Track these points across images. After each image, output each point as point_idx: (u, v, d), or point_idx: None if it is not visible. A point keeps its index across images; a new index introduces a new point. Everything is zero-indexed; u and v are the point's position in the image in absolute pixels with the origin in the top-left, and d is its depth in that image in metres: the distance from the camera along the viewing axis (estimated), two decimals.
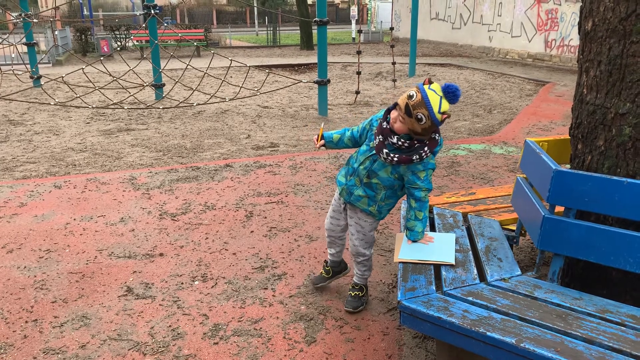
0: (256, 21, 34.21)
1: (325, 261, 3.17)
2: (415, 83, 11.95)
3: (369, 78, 13.08)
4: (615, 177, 2.18)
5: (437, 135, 2.50)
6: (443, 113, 2.34)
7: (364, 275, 2.96)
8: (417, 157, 2.46)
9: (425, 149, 2.46)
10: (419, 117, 2.33)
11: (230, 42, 24.42)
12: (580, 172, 2.27)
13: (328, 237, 3.02)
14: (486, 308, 2.09)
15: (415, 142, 2.45)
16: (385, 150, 2.50)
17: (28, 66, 11.18)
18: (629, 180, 2.14)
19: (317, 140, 2.84)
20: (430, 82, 2.38)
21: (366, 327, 2.82)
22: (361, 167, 2.65)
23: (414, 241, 2.65)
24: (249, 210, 4.44)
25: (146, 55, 10.61)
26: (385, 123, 2.52)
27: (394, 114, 2.47)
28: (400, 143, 2.45)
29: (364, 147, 2.69)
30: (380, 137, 2.52)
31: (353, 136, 2.81)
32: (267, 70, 10.51)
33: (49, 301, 3.07)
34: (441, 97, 2.33)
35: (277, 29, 24.92)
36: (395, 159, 2.48)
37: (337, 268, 3.14)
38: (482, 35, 18.25)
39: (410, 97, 2.35)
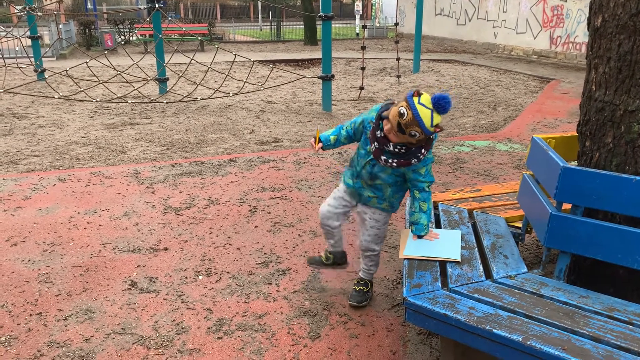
0: (260, 16, 34.15)
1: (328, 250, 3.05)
2: (419, 79, 11.92)
3: (373, 74, 13.05)
4: (623, 175, 2.16)
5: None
6: (436, 126, 2.32)
7: (370, 271, 2.96)
8: (416, 160, 2.48)
9: (422, 150, 2.47)
10: (412, 134, 2.33)
11: (234, 36, 24.37)
12: (588, 169, 2.26)
13: (324, 227, 2.90)
14: (492, 305, 2.08)
15: (412, 147, 2.45)
16: (383, 157, 2.50)
17: (32, 59, 11.18)
18: (638, 178, 2.12)
19: (315, 144, 2.77)
20: (419, 94, 2.32)
21: (370, 323, 2.82)
22: (363, 170, 2.66)
23: (420, 236, 2.65)
24: (253, 205, 4.43)
25: (150, 50, 10.61)
26: (379, 132, 2.48)
27: (387, 125, 2.42)
28: (397, 150, 2.46)
29: (361, 151, 2.66)
30: (375, 144, 2.51)
31: (348, 134, 2.76)
32: (271, 65, 10.49)
33: (53, 294, 3.07)
34: (432, 111, 2.29)
35: (281, 23, 24.85)
36: (395, 164, 2.49)
37: (339, 259, 3.03)
38: (487, 31, 18.16)
39: (401, 115, 2.30)
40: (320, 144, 2.79)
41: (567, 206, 2.41)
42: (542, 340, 1.82)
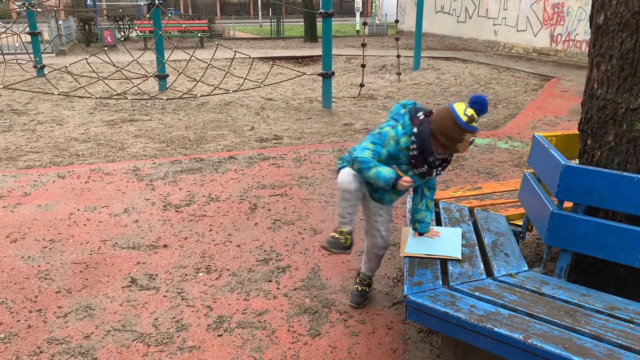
0: (260, 12, 34.09)
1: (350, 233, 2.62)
2: (419, 77, 11.89)
3: (374, 71, 13.03)
4: (625, 173, 2.16)
5: None
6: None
7: (374, 269, 2.95)
8: (451, 156, 2.53)
9: None
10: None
11: (234, 33, 24.32)
12: (590, 167, 2.25)
13: (345, 198, 2.51)
14: (493, 304, 2.08)
15: None
16: (435, 172, 2.52)
17: (31, 55, 11.15)
18: (639, 176, 2.12)
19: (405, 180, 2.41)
20: (472, 119, 2.29)
21: (371, 321, 2.81)
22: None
23: (421, 234, 2.64)
24: (253, 202, 4.43)
25: (150, 46, 10.58)
26: (431, 157, 2.40)
27: (442, 154, 2.44)
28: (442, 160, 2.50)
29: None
30: (425, 166, 2.45)
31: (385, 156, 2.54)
32: (270, 62, 10.47)
33: (53, 291, 3.07)
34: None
35: (281, 20, 24.80)
36: (442, 171, 2.54)
37: (352, 242, 2.63)
38: (487, 29, 18.13)
39: (473, 142, 2.34)
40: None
41: (568, 204, 2.41)
42: (543, 338, 1.82)
